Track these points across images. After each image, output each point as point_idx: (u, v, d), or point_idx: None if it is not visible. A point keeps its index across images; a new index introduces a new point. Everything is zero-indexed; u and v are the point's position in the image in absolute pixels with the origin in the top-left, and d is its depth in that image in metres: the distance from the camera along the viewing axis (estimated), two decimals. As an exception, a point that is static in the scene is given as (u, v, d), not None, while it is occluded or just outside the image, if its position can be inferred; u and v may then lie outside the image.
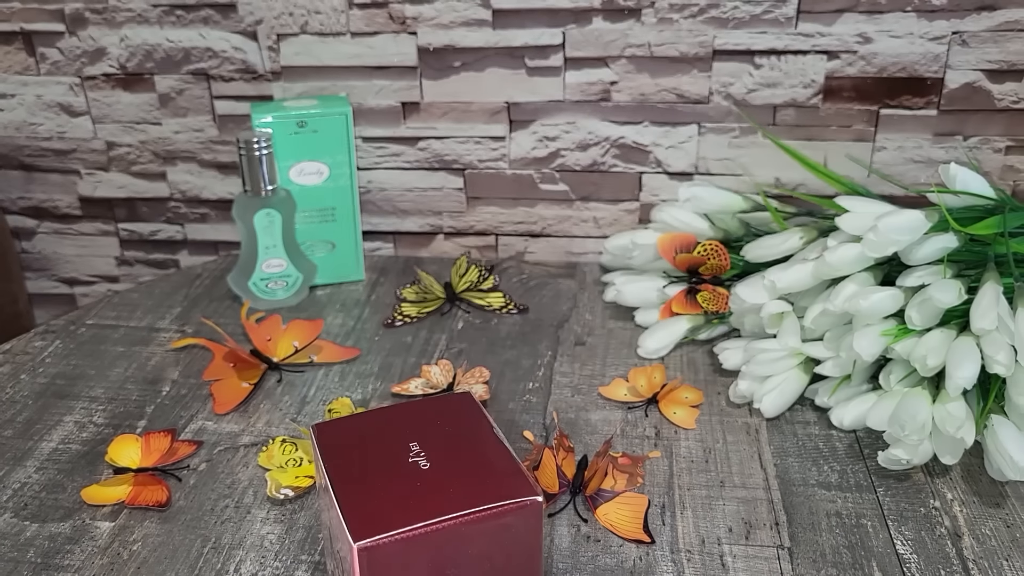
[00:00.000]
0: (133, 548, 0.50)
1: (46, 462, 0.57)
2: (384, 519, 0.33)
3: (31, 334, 0.73)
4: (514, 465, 0.36)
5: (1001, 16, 0.74)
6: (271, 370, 0.67)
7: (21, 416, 0.62)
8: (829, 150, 0.80)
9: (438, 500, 0.34)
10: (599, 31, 0.78)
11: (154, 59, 0.84)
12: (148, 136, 0.88)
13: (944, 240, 0.58)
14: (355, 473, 0.36)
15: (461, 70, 0.82)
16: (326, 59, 0.82)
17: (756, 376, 0.61)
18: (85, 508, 0.53)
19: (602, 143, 0.83)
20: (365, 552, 0.32)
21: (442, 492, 0.34)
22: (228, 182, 0.89)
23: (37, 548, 0.50)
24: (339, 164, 0.76)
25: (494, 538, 0.34)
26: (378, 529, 0.33)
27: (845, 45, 0.76)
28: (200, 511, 0.53)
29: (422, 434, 0.38)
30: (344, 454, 0.37)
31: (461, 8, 0.79)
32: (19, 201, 0.93)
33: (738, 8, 0.76)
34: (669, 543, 0.50)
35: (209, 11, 0.82)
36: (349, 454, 0.37)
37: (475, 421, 0.40)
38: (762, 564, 0.48)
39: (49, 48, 0.85)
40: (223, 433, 0.60)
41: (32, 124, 0.89)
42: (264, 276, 0.75)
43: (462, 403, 0.41)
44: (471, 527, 0.33)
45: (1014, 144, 0.78)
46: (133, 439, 0.59)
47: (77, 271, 0.97)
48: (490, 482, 0.35)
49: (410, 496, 0.34)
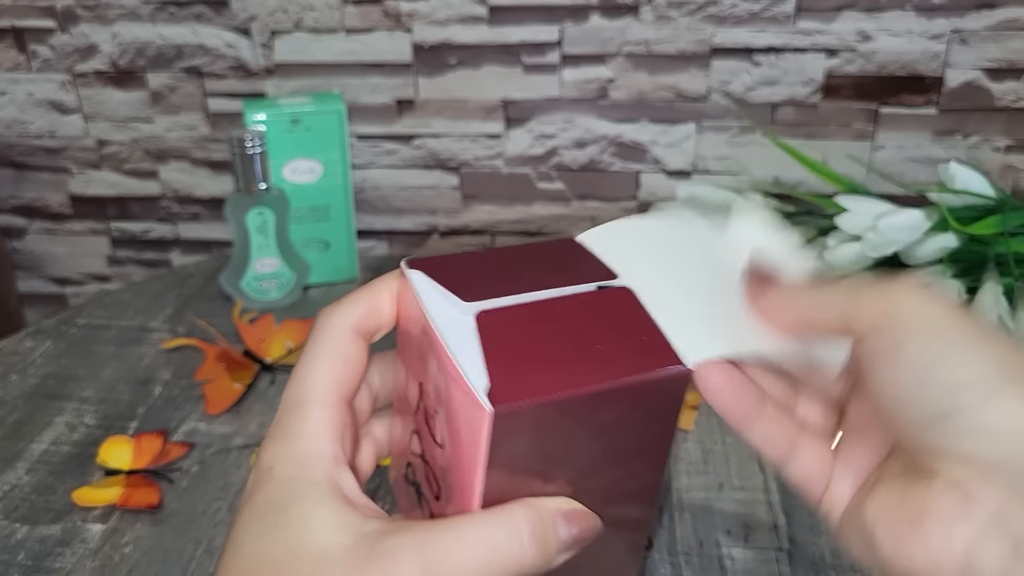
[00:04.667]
0: (125, 551, 0.49)
1: (37, 464, 0.57)
2: (519, 380, 0.27)
3: (22, 334, 0.72)
4: (658, 332, 0.30)
5: (1001, 14, 0.73)
6: (264, 371, 0.66)
7: (11, 417, 0.61)
8: (828, 149, 0.80)
9: (578, 361, 0.28)
10: (596, 28, 0.78)
11: (146, 56, 0.84)
12: (140, 134, 0.87)
13: (944, 240, 0.58)
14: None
15: (457, 67, 0.81)
16: (320, 56, 0.82)
17: (755, 376, 0.60)
18: (76, 510, 0.53)
19: (599, 141, 0.83)
20: (501, 419, 0.26)
21: (581, 352, 0.28)
22: (220, 180, 0.89)
23: (28, 551, 0.50)
24: (333, 162, 0.76)
25: (634, 409, 0.29)
26: (513, 392, 0.26)
27: (844, 43, 0.76)
28: (192, 513, 0.52)
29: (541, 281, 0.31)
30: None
31: (457, 5, 0.78)
32: (9, 200, 0.92)
33: (737, 6, 0.76)
34: (667, 545, 0.49)
35: (202, 7, 0.81)
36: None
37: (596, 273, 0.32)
38: (761, 567, 0.48)
39: (40, 45, 0.84)
40: (215, 434, 0.59)
41: (23, 122, 0.88)
42: (257, 276, 0.74)
43: (571, 248, 0.34)
44: (616, 394, 0.28)
45: (1014, 143, 0.78)
46: (125, 440, 0.58)
47: (68, 270, 0.96)
48: (635, 346, 0.29)
49: (544, 353, 0.28)
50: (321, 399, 0.29)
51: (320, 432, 0.29)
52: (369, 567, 0.26)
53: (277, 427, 0.29)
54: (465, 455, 0.27)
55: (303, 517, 0.27)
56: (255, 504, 0.28)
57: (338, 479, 0.28)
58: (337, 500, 0.27)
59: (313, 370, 0.30)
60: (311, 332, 0.31)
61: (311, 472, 0.28)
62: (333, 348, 0.30)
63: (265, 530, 0.27)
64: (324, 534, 0.26)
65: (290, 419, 0.29)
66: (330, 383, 0.30)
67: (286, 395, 0.30)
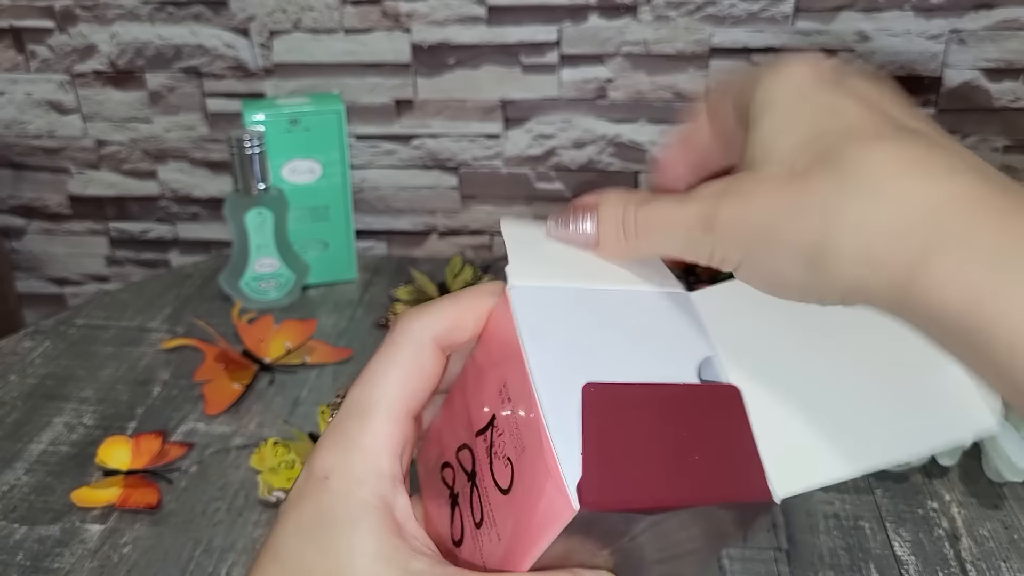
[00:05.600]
0: (124, 551, 0.49)
1: (35, 464, 0.57)
2: (610, 480, 0.26)
3: (20, 334, 0.72)
4: (754, 451, 0.28)
5: (999, 15, 0.73)
6: (263, 371, 0.66)
7: (10, 417, 0.61)
8: (826, 149, 0.80)
9: (672, 470, 0.27)
10: (595, 28, 0.78)
11: (145, 56, 0.84)
12: (139, 134, 0.87)
13: (942, 240, 0.58)
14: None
15: (456, 67, 0.81)
16: (319, 56, 0.82)
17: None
18: (75, 510, 0.53)
19: (598, 141, 0.83)
20: (582, 513, 0.25)
21: (676, 458, 0.27)
22: (219, 181, 0.89)
23: (26, 551, 0.50)
24: (332, 162, 0.76)
25: (705, 519, 0.29)
26: (602, 493, 0.25)
27: (843, 43, 0.76)
28: (191, 513, 0.52)
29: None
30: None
31: (455, 5, 0.78)
32: (8, 200, 0.92)
33: (735, 6, 0.76)
34: (666, 546, 0.49)
35: (201, 8, 0.81)
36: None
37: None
38: (760, 567, 0.48)
39: (39, 45, 0.84)
40: (214, 435, 0.59)
41: (21, 122, 0.88)
42: (256, 276, 0.74)
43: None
44: (695, 510, 0.27)
45: (1012, 143, 0.78)
46: (123, 441, 0.58)
47: (67, 271, 0.96)
48: (729, 464, 0.28)
49: (640, 451, 0.27)
50: (388, 410, 0.28)
51: (382, 447, 0.27)
52: None
53: (337, 432, 0.28)
54: (533, 523, 0.26)
55: (352, 543, 0.26)
56: (303, 514, 0.27)
57: (393, 502, 0.27)
58: (387, 529, 0.26)
59: (385, 378, 0.28)
60: (389, 335, 0.29)
61: (367, 492, 0.27)
62: (410, 358, 0.28)
63: (311, 547, 0.26)
64: (369, 568, 0.26)
65: (353, 427, 0.28)
66: (400, 394, 0.28)
67: (352, 398, 0.28)
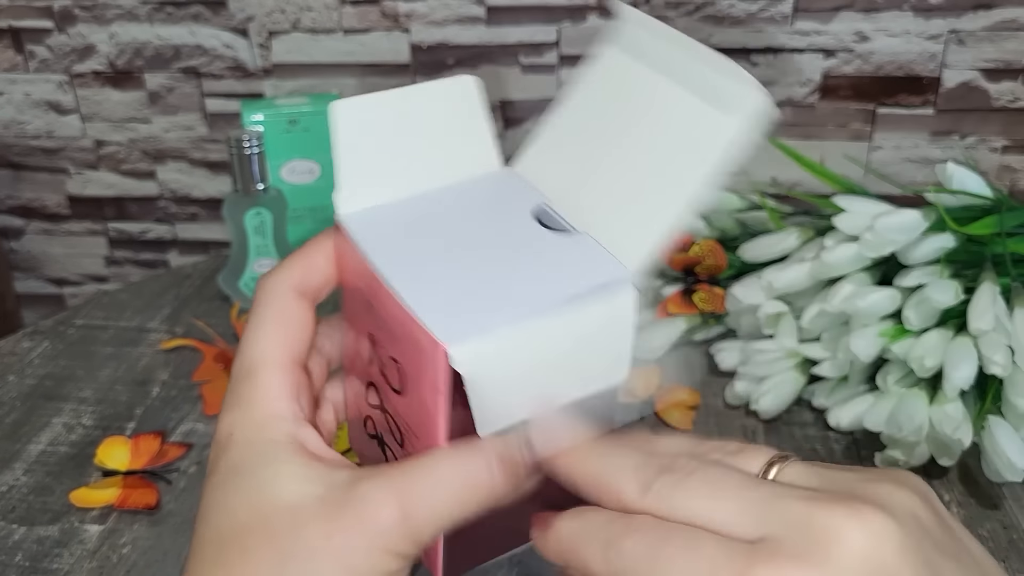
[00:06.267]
0: (123, 551, 0.49)
1: (34, 464, 0.57)
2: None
3: (19, 335, 0.72)
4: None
5: (998, 15, 0.73)
6: (262, 371, 0.66)
7: (9, 418, 0.61)
8: (826, 149, 0.80)
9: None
10: (594, 28, 0.78)
11: (144, 56, 0.84)
12: (138, 134, 0.87)
13: (941, 240, 0.58)
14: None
15: (455, 67, 0.81)
16: (318, 56, 0.82)
17: (753, 377, 0.60)
18: (74, 511, 0.53)
19: (597, 142, 0.83)
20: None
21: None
22: (218, 181, 0.89)
23: (25, 551, 0.49)
24: (331, 163, 0.75)
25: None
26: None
27: (842, 43, 0.76)
28: (190, 514, 0.52)
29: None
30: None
31: (455, 5, 0.78)
32: (7, 200, 0.92)
33: (734, 6, 0.76)
34: (665, 546, 0.49)
35: (199, 8, 0.81)
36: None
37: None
38: None
39: (38, 45, 0.84)
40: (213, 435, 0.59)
41: (20, 122, 0.88)
42: (255, 276, 0.74)
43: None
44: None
45: (1011, 144, 0.78)
46: (122, 441, 0.58)
47: (66, 271, 0.96)
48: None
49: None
50: (271, 363, 0.29)
51: (275, 394, 0.28)
52: (345, 513, 0.25)
53: (231, 396, 0.29)
54: (427, 395, 0.27)
55: (269, 476, 0.26)
56: (218, 472, 0.27)
57: (300, 436, 0.28)
58: (302, 455, 0.27)
59: (259, 336, 0.29)
60: (253, 300, 0.30)
61: (272, 432, 0.27)
62: (277, 311, 0.29)
63: (232, 495, 0.26)
64: (293, 489, 0.26)
65: (243, 387, 0.29)
66: (279, 346, 0.29)
67: (236, 366, 0.29)
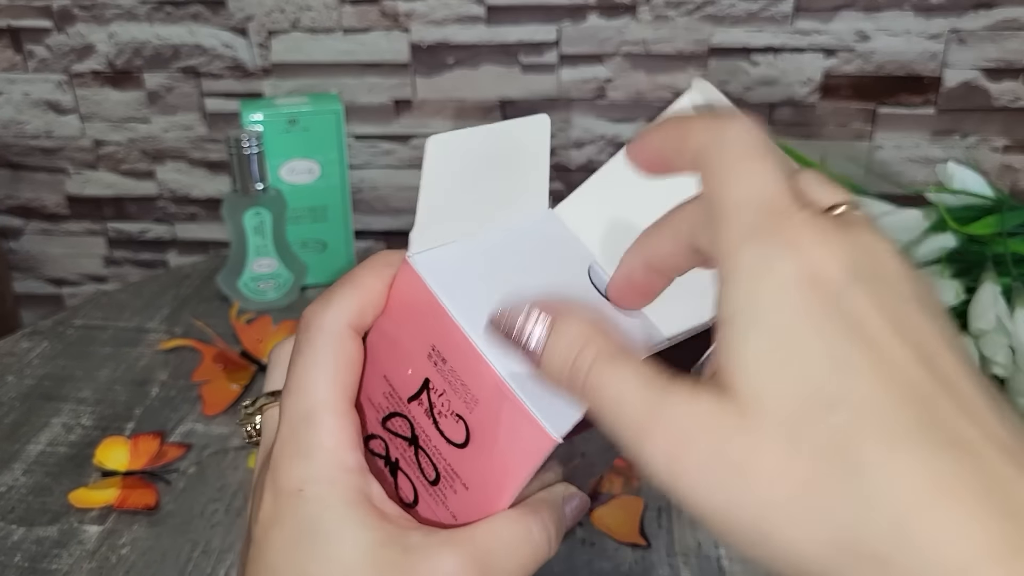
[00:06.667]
0: (122, 552, 0.49)
1: (33, 465, 0.57)
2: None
3: (18, 335, 0.72)
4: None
5: (999, 14, 0.73)
6: (261, 372, 0.66)
7: (8, 418, 0.61)
8: (827, 149, 0.80)
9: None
10: (594, 28, 0.78)
11: (143, 56, 0.83)
12: (137, 134, 0.87)
13: (942, 240, 0.58)
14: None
15: (455, 67, 0.81)
16: (317, 56, 0.82)
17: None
18: (73, 511, 0.52)
19: (597, 141, 0.82)
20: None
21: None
22: (218, 181, 0.89)
23: (24, 552, 0.49)
24: (330, 162, 0.75)
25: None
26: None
27: (843, 43, 0.76)
28: (189, 515, 0.52)
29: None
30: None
31: (454, 4, 0.78)
32: (6, 200, 0.92)
33: (735, 5, 0.75)
34: (666, 546, 0.49)
35: (199, 7, 0.81)
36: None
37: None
38: (759, 568, 0.48)
39: (37, 45, 0.84)
40: (212, 435, 0.59)
41: (19, 122, 0.88)
42: (254, 276, 0.74)
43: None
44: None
45: (1012, 143, 0.78)
46: (121, 441, 0.58)
47: (65, 271, 0.96)
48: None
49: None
50: (333, 408, 0.28)
51: (340, 443, 0.27)
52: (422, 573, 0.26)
53: (291, 444, 0.28)
54: (511, 463, 0.27)
55: (346, 543, 0.26)
56: (287, 531, 0.27)
57: (368, 491, 0.27)
58: (375, 518, 0.27)
59: (318, 377, 0.28)
60: (302, 333, 0.29)
61: (343, 490, 0.27)
62: (334, 351, 0.28)
63: (306, 560, 0.26)
64: (371, 559, 0.26)
65: (306, 434, 0.27)
66: (340, 388, 0.28)
67: (291, 407, 0.28)
